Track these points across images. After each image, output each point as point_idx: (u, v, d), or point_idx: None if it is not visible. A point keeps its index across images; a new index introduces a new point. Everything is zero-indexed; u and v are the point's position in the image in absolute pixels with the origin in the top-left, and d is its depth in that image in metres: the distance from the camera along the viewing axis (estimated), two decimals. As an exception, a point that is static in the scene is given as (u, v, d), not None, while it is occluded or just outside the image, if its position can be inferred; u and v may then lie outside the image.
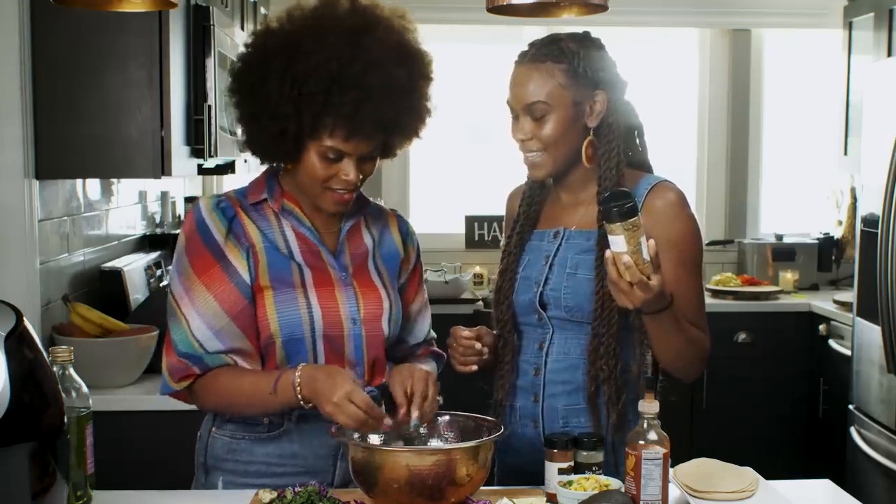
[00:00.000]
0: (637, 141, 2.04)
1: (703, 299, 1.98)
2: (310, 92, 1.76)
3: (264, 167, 1.98)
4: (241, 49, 1.89)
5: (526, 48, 1.95)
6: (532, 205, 2.04)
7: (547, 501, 1.71)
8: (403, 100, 1.81)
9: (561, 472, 1.72)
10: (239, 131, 1.91)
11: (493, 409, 2.00)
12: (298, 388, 1.73)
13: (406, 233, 2.06)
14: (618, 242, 1.68)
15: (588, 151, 1.92)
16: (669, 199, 1.92)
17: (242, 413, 1.86)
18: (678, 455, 1.75)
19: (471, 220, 5.04)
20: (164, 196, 3.82)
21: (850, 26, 4.52)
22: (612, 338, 1.87)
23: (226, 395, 1.83)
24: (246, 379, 1.82)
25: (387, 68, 1.78)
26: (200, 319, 1.81)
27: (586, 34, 1.96)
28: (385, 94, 1.78)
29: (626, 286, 1.69)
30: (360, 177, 1.84)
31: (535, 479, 1.84)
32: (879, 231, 3.37)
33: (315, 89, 1.76)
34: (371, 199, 2.05)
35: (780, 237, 5.01)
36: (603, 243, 1.88)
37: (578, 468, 1.74)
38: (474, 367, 1.91)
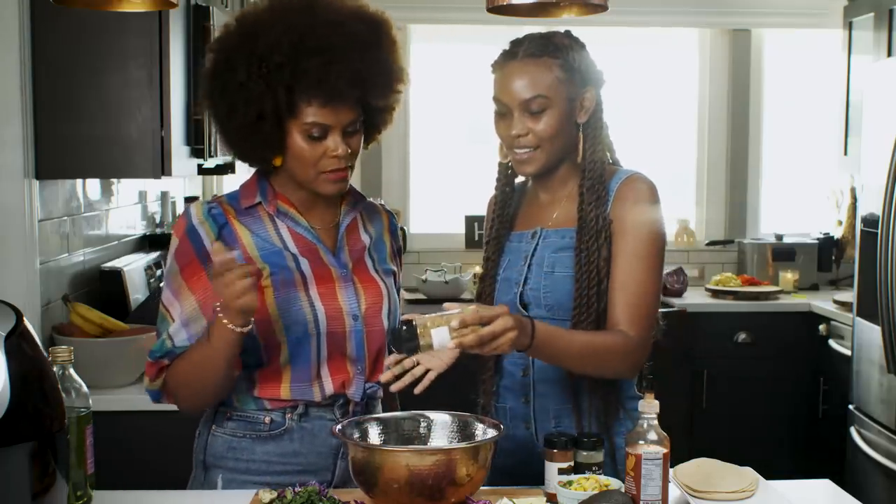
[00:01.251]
0: (608, 142, 2.04)
1: (649, 297, 1.89)
2: (277, 64, 1.76)
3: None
4: (207, 53, 1.88)
5: (508, 47, 1.95)
6: (505, 208, 2.05)
7: (547, 501, 1.71)
8: (370, 53, 1.81)
9: (561, 472, 1.73)
10: (221, 134, 1.89)
11: (479, 413, 2.00)
12: (221, 317, 1.71)
13: (394, 232, 2.07)
14: (439, 335, 1.67)
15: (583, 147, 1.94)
16: (637, 189, 1.92)
17: (207, 387, 1.83)
18: (678, 455, 1.75)
19: (471, 220, 5.04)
20: (164, 196, 3.82)
21: (850, 26, 4.53)
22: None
23: (185, 372, 1.82)
24: (193, 350, 1.81)
25: (348, 26, 1.79)
26: (180, 320, 1.83)
27: (570, 32, 1.96)
28: (351, 50, 1.78)
29: (488, 339, 1.66)
30: (350, 151, 1.83)
31: (528, 480, 1.84)
32: (879, 231, 3.37)
33: (280, 61, 1.76)
34: (370, 198, 2.06)
35: (780, 237, 5.01)
36: (581, 238, 1.89)
37: (578, 468, 1.74)
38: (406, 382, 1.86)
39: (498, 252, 2.02)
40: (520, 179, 2.07)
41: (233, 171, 3.65)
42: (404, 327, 1.69)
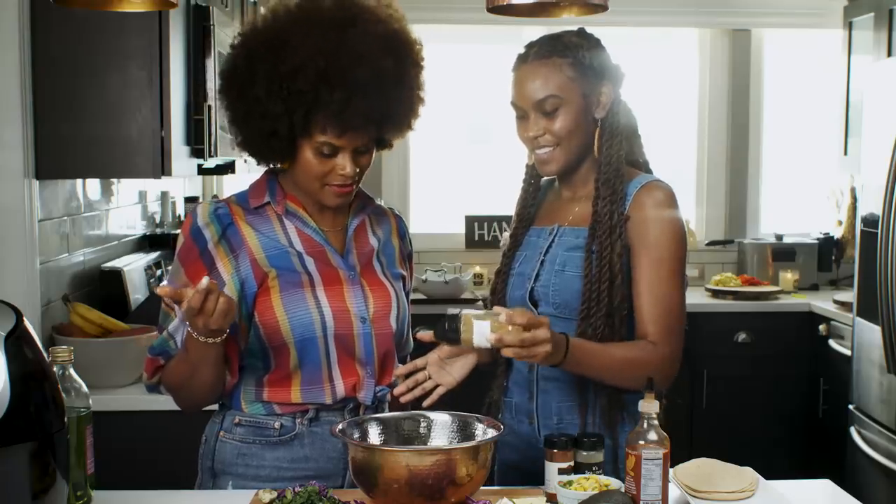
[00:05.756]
0: (634, 139, 2.04)
1: (673, 305, 1.89)
2: (298, 90, 1.75)
3: (263, 168, 1.98)
4: (229, 49, 1.88)
5: (523, 50, 1.96)
6: (526, 206, 2.06)
7: (547, 501, 1.71)
8: (393, 91, 1.80)
9: (561, 472, 1.73)
10: (232, 133, 1.90)
11: (487, 407, 2.01)
12: (192, 332, 1.72)
13: (403, 235, 2.07)
14: (481, 329, 1.69)
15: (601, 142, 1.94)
16: (656, 198, 1.92)
17: (197, 391, 1.85)
18: (678, 455, 1.75)
19: (471, 220, 5.04)
20: (164, 196, 3.82)
21: (850, 26, 4.53)
22: (597, 335, 1.87)
23: (176, 376, 1.84)
24: (178, 357, 1.83)
25: (374, 60, 1.77)
26: (180, 318, 1.82)
27: (583, 30, 1.96)
28: (374, 88, 1.77)
29: (528, 343, 1.67)
30: (357, 170, 1.84)
31: (530, 476, 1.85)
32: (879, 231, 3.37)
33: (303, 87, 1.75)
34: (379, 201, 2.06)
35: (780, 237, 5.01)
36: (594, 238, 1.90)
37: (578, 468, 1.74)
38: (417, 394, 1.90)
39: (514, 248, 2.04)
40: (545, 180, 2.08)
41: (233, 172, 3.65)
42: (448, 319, 1.72)
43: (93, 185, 3.17)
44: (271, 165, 1.94)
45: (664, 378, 1.88)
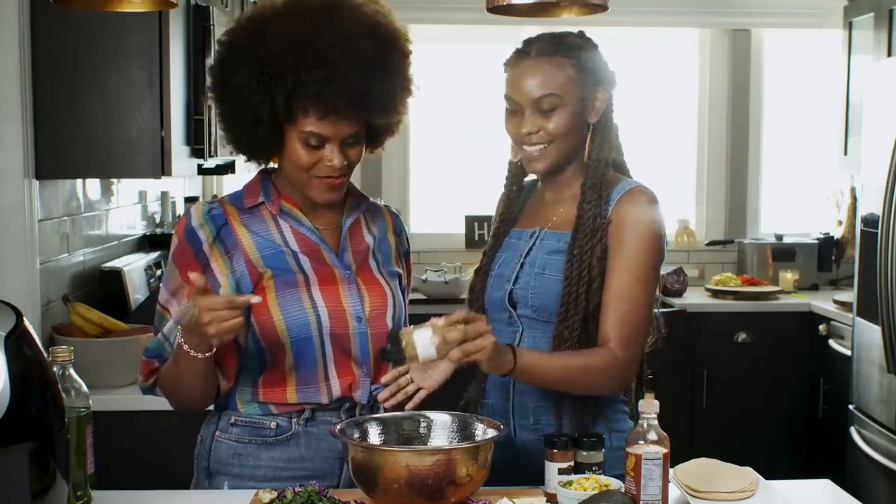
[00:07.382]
0: (615, 142, 2.04)
1: (641, 314, 1.88)
2: (277, 73, 1.75)
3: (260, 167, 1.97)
4: (217, 46, 1.89)
5: (521, 45, 1.95)
6: (510, 205, 2.06)
7: (547, 501, 1.71)
8: (372, 72, 1.78)
9: (561, 472, 1.73)
10: (222, 129, 1.90)
11: (463, 404, 2.01)
12: (182, 342, 1.73)
13: (399, 232, 2.06)
14: (422, 339, 1.70)
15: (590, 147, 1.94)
16: (636, 203, 1.91)
17: (190, 397, 1.84)
18: (678, 455, 1.75)
19: (471, 220, 5.04)
20: (164, 196, 3.82)
21: (850, 26, 4.53)
22: (573, 337, 1.87)
23: (169, 381, 1.84)
24: (170, 363, 1.83)
25: (352, 42, 1.77)
26: (174, 321, 1.83)
27: (583, 33, 1.96)
28: (352, 69, 1.76)
29: (471, 336, 1.69)
30: (346, 162, 1.83)
31: (505, 476, 1.83)
32: (879, 231, 3.38)
33: (282, 70, 1.75)
34: (373, 199, 2.06)
35: (780, 237, 5.01)
36: (576, 240, 1.89)
37: (578, 468, 1.74)
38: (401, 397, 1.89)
39: (495, 247, 2.03)
40: (528, 178, 2.07)
41: (233, 171, 3.65)
42: (389, 340, 1.74)
43: (93, 185, 3.17)
44: (262, 164, 1.93)
45: (617, 385, 1.89)
